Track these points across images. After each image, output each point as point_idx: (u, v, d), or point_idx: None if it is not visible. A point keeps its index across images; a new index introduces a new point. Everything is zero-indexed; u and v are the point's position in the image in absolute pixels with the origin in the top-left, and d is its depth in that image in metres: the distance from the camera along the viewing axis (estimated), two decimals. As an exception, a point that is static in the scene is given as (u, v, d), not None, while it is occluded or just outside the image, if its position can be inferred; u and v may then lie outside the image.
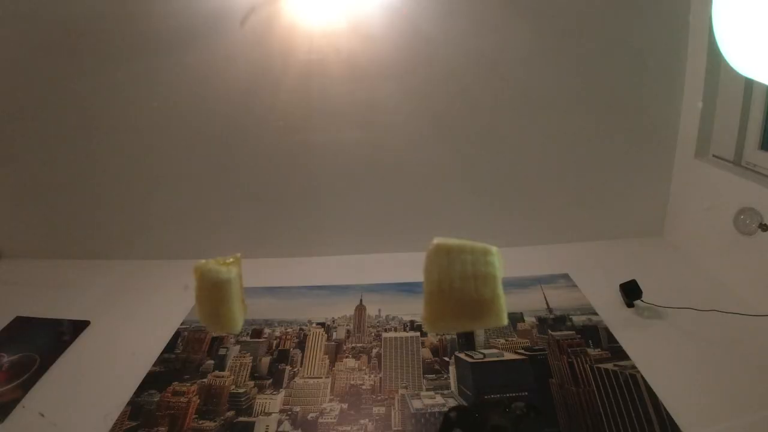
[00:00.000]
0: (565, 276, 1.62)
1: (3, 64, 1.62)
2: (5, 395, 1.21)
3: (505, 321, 0.44)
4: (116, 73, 1.60)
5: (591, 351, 1.27)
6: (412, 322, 1.46)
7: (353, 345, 1.39)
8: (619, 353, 1.25)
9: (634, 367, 1.19)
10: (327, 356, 1.35)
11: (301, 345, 1.39)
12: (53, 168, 1.79)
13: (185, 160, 1.75)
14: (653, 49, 1.57)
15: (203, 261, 0.53)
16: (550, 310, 1.46)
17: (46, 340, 1.42)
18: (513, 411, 1.03)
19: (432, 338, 1.37)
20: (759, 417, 1.01)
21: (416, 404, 1.15)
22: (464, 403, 1.11)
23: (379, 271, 1.72)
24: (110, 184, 1.80)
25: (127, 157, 1.75)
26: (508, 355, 1.29)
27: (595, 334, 1.34)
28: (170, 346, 1.40)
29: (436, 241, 0.44)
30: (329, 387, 1.23)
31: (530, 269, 1.65)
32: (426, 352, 1.33)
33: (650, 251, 1.75)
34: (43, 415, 1.15)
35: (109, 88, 1.63)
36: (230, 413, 1.16)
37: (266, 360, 1.34)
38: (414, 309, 1.53)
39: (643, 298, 1.39)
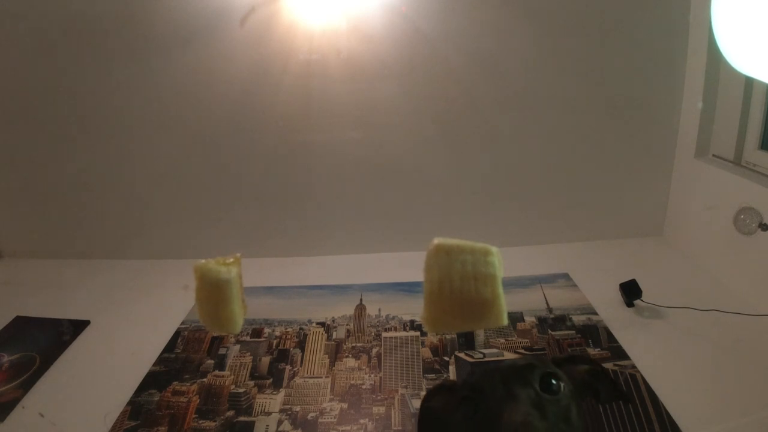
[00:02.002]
0: (565, 275, 1.62)
1: (3, 64, 1.62)
2: (5, 395, 1.21)
3: (505, 321, 0.44)
4: (116, 73, 1.60)
5: (591, 351, 1.27)
6: (412, 321, 1.46)
7: (353, 345, 1.39)
8: (619, 353, 1.25)
9: (634, 366, 1.19)
10: (327, 356, 1.35)
11: (301, 345, 1.39)
12: (53, 168, 1.79)
13: (185, 160, 1.75)
14: (653, 49, 1.57)
15: (203, 261, 0.53)
16: (550, 309, 1.46)
17: (46, 340, 1.42)
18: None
19: (432, 338, 1.37)
20: (759, 417, 1.01)
21: (416, 404, 1.15)
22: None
23: (378, 270, 1.72)
24: (110, 184, 1.80)
25: (127, 157, 1.75)
26: (508, 355, 1.29)
27: (595, 333, 1.34)
28: (170, 346, 1.40)
29: (436, 241, 0.44)
30: (329, 387, 1.23)
31: (530, 269, 1.65)
32: (426, 352, 1.33)
33: (650, 251, 1.76)
34: (42, 415, 1.15)
35: (108, 88, 1.63)
36: (230, 413, 1.16)
37: (266, 360, 1.34)
38: (414, 308, 1.53)
39: (643, 297, 1.39)
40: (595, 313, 1.42)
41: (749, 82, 1.44)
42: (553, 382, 0.56)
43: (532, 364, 0.58)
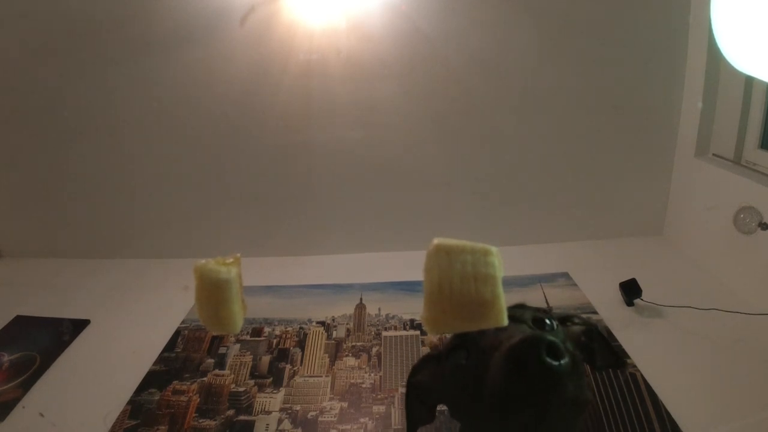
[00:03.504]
0: (565, 275, 1.62)
1: (3, 65, 1.62)
2: (5, 395, 1.21)
3: (506, 321, 0.44)
4: (116, 73, 1.60)
5: (591, 350, 1.27)
6: (411, 320, 1.46)
7: (353, 344, 1.39)
8: (619, 352, 1.25)
9: (634, 366, 1.19)
10: (327, 355, 1.35)
11: (301, 344, 1.39)
12: (53, 168, 1.79)
13: (185, 159, 1.75)
14: (653, 49, 1.56)
15: (203, 261, 0.52)
16: (550, 309, 1.46)
17: (46, 340, 1.42)
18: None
19: (432, 337, 1.37)
20: (760, 417, 1.01)
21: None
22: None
23: (378, 269, 1.72)
24: (110, 184, 1.80)
25: (127, 157, 1.75)
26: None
27: (595, 333, 1.33)
28: (170, 345, 1.40)
29: (436, 241, 0.44)
30: (329, 386, 1.23)
31: (530, 268, 1.65)
32: (426, 351, 1.33)
33: (650, 250, 1.75)
34: (42, 415, 1.15)
35: (108, 88, 1.63)
36: (230, 412, 1.16)
37: (266, 359, 1.34)
38: (414, 308, 1.53)
39: (643, 296, 1.39)
40: (595, 313, 1.42)
41: (749, 82, 1.44)
42: (547, 321, 0.52)
43: (522, 305, 0.54)
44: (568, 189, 1.78)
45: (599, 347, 0.62)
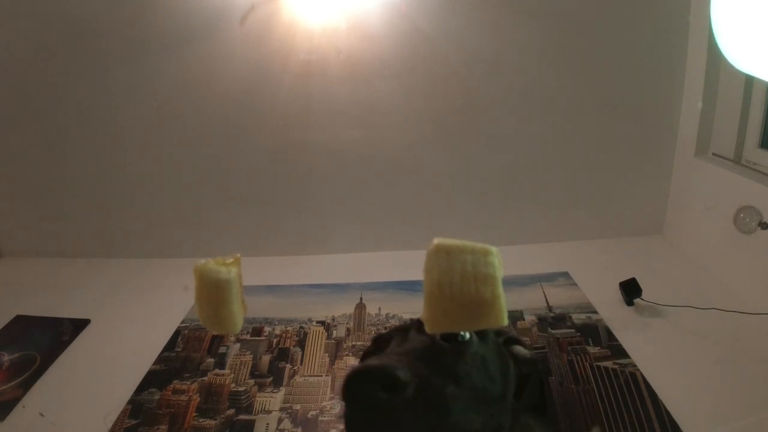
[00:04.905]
0: (565, 274, 1.62)
1: (3, 64, 1.62)
2: (5, 394, 1.22)
3: (506, 321, 0.44)
4: (116, 72, 1.60)
5: (591, 349, 1.27)
6: (412, 320, 1.46)
7: (353, 343, 1.39)
8: (618, 351, 1.25)
9: (634, 365, 1.19)
10: (327, 354, 1.35)
11: (301, 343, 1.39)
12: (53, 168, 1.79)
13: (185, 159, 1.75)
14: (653, 49, 1.56)
15: (203, 261, 0.52)
16: (549, 308, 1.46)
17: (46, 339, 1.42)
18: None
19: (432, 337, 1.37)
20: (759, 416, 1.01)
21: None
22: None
23: (378, 269, 1.72)
24: (110, 184, 1.80)
25: (127, 157, 1.75)
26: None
27: (595, 332, 1.34)
28: (170, 345, 1.40)
29: (436, 241, 0.44)
30: (329, 385, 1.23)
31: (530, 267, 1.65)
32: (426, 351, 1.33)
33: (650, 250, 1.75)
34: (42, 415, 1.15)
35: (108, 88, 1.63)
36: (230, 411, 1.16)
37: (266, 358, 1.34)
38: (414, 307, 1.53)
39: (643, 296, 1.39)
40: (595, 312, 1.42)
41: (749, 81, 1.44)
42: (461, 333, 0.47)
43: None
44: (568, 189, 1.78)
45: (531, 386, 0.58)
